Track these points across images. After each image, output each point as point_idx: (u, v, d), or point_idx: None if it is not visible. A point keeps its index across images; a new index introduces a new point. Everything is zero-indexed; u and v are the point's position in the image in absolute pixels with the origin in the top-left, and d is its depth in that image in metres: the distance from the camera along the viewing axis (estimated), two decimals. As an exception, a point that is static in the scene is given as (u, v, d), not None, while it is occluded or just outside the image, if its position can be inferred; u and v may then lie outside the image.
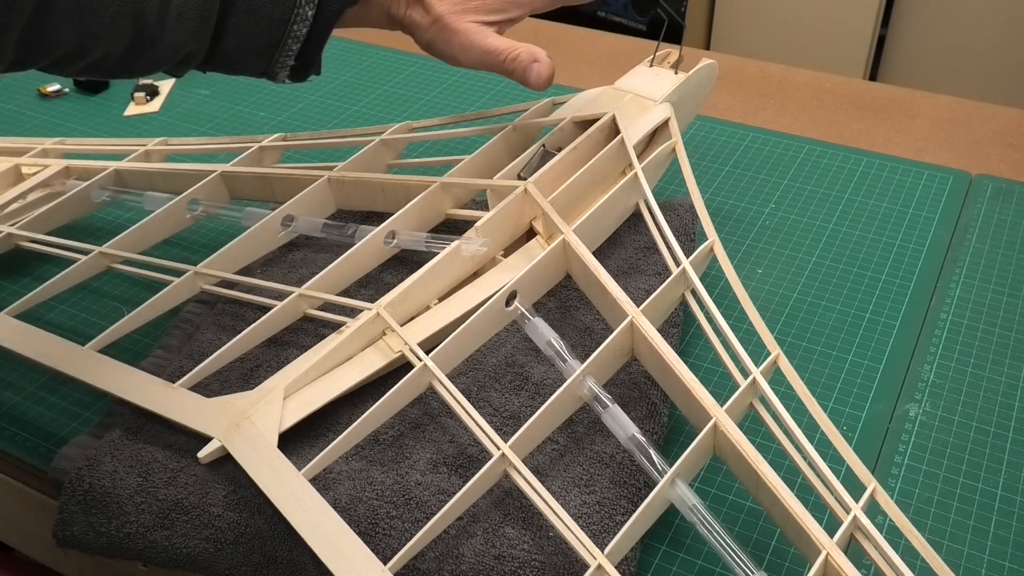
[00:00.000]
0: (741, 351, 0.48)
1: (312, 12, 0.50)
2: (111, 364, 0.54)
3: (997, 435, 0.55)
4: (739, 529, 0.50)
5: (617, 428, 0.47)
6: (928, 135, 0.85)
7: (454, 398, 0.47)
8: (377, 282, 0.59)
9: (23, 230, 0.67)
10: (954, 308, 0.64)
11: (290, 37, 0.50)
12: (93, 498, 0.48)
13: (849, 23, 1.94)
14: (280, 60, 0.51)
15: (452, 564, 0.44)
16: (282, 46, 0.50)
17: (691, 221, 0.65)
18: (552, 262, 0.54)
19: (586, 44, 1.03)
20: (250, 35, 0.50)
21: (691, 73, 0.67)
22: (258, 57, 0.51)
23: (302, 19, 0.50)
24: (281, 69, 0.52)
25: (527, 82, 0.56)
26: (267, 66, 0.52)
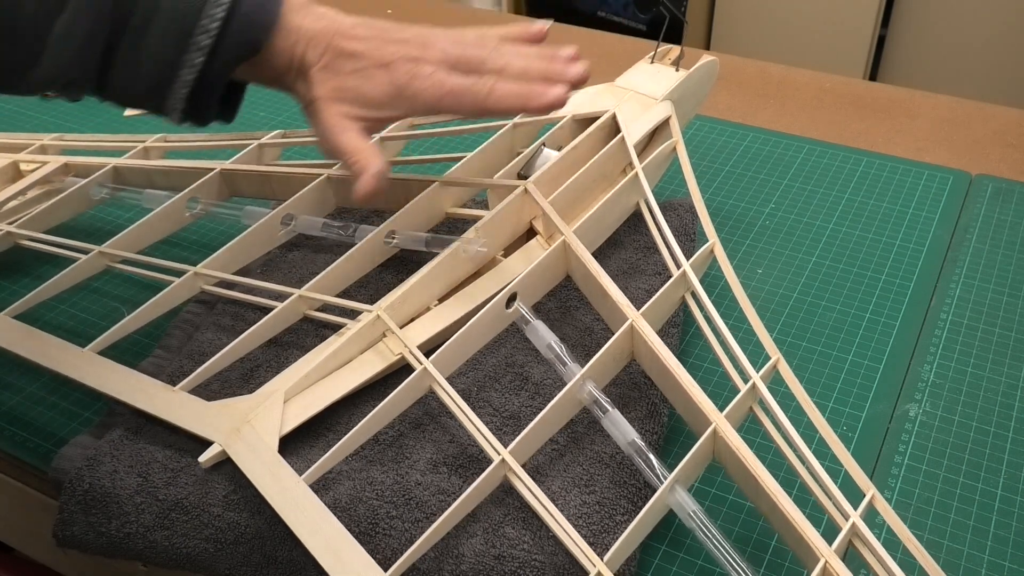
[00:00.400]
0: (741, 355, 0.48)
1: (201, 60, 0.48)
2: (111, 366, 0.54)
3: (997, 435, 0.55)
4: (739, 529, 0.50)
5: (617, 433, 0.47)
6: (928, 135, 0.85)
7: (454, 401, 0.47)
8: (377, 282, 0.59)
9: (22, 228, 0.67)
10: (954, 308, 0.64)
11: (177, 81, 0.48)
12: (93, 498, 0.48)
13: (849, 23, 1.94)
14: (170, 103, 0.49)
15: (452, 564, 0.44)
16: (171, 89, 0.49)
17: (691, 221, 0.65)
18: (552, 263, 0.54)
19: (586, 44, 1.03)
20: (139, 72, 0.48)
21: (692, 70, 0.67)
22: (148, 94, 0.49)
23: (189, 65, 0.48)
24: (173, 111, 0.50)
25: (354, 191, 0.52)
26: (159, 105, 0.50)
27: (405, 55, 0.51)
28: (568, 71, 0.51)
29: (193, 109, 0.50)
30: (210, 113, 0.51)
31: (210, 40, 0.47)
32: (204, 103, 0.50)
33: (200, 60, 0.48)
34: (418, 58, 0.51)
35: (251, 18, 0.48)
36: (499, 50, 0.51)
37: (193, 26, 0.47)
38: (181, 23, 0.47)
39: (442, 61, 0.51)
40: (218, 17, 0.47)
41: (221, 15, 0.47)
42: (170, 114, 0.50)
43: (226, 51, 0.48)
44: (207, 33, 0.47)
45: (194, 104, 0.50)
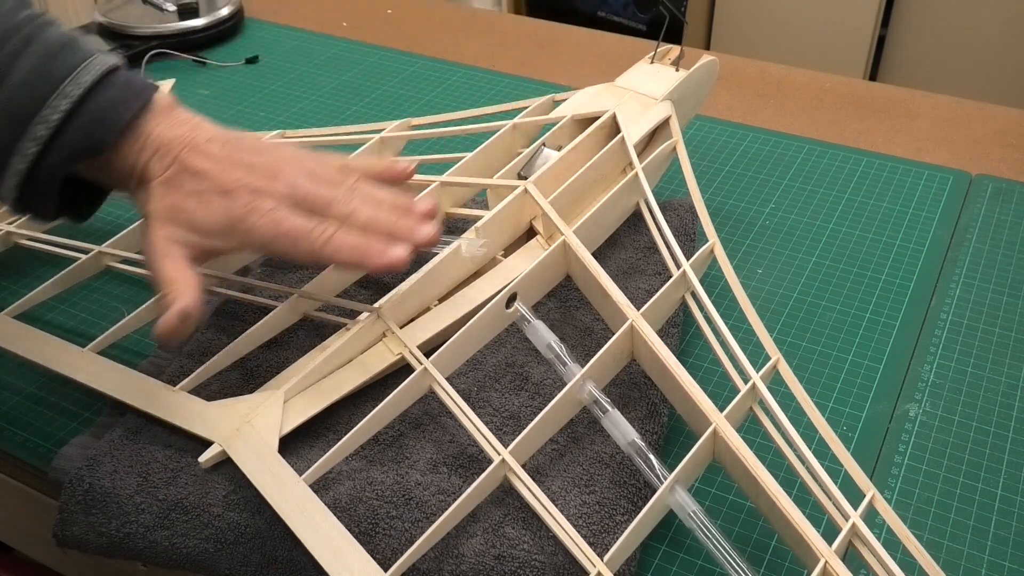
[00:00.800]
0: (741, 355, 0.48)
1: (35, 151, 0.44)
2: (111, 366, 0.54)
3: (997, 435, 0.55)
4: (739, 529, 0.50)
5: (617, 433, 0.47)
6: (928, 135, 0.85)
7: (454, 402, 0.47)
8: (377, 282, 0.59)
9: (22, 228, 0.67)
10: (954, 308, 0.64)
11: (8, 169, 0.45)
12: (93, 498, 0.48)
13: (849, 23, 1.94)
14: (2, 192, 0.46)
15: (452, 564, 0.44)
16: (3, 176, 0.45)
17: (691, 221, 0.65)
18: (552, 264, 0.54)
19: (586, 44, 1.03)
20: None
21: (692, 70, 0.67)
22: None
23: (21, 154, 0.44)
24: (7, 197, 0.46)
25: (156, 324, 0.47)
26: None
27: (248, 184, 0.47)
28: (417, 230, 0.48)
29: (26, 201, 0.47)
30: (47, 208, 0.48)
31: (48, 131, 0.45)
32: (38, 197, 0.47)
33: (33, 151, 0.45)
34: (260, 189, 0.46)
35: (98, 115, 0.45)
36: (352, 191, 0.48)
37: (33, 115, 0.44)
38: (20, 110, 0.44)
39: (286, 196, 0.47)
40: (61, 109, 0.44)
41: (65, 107, 0.44)
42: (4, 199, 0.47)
43: (64, 146, 0.45)
44: (46, 124, 0.44)
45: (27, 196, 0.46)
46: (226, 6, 1.05)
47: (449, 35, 1.05)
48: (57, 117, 0.44)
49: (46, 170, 0.45)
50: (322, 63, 0.99)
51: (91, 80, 0.45)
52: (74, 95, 0.45)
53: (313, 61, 1.00)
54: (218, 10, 1.04)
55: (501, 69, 0.97)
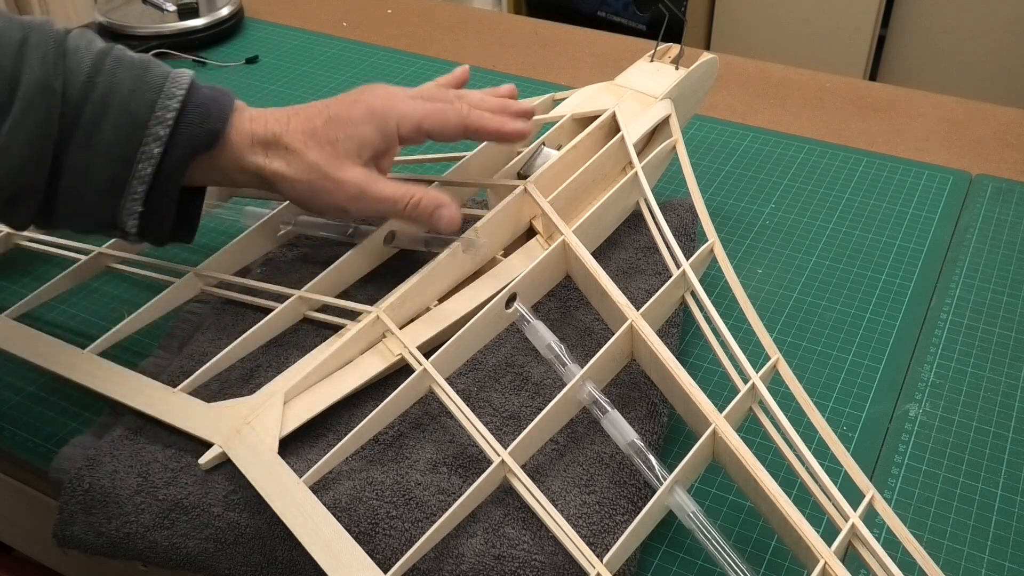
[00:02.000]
0: (741, 355, 0.48)
1: (159, 151, 0.46)
2: (111, 368, 0.54)
3: (997, 435, 0.55)
4: (739, 529, 0.50)
5: (616, 434, 0.47)
6: (928, 135, 0.85)
7: (454, 402, 0.47)
8: (377, 282, 0.59)
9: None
10: (954, 308, 0.64)
11: (135, 178, 0.47)
12: (93, 498, 0.48)
13: (849, 23, 1.94)
14: (126, 205, 0.47)
15: (452, 564, 0.44)
16: (127, 188, 0.47)
17: (691, 221, 0.65)
18: (552, 264, 0.54)
19: (586, 44, 1.03)
20: (91, 172, 0.46)
21: (692, 68, 0.67)
22: (101, 198, 0.47)
23: (147, 157, 0.46)
24: (129, 216, 0.48)
25: (438, 228, 0.53)
26: (113, 211, 0.48)
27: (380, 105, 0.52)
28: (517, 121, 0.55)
29: (150, 215, 0.48)
30: (167, 222, 0.49)
31: (166, 131, 0.46)
32: (161, 207, 0.48)
33: (158, 151, 0.46)
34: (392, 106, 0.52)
35: (204, 109, 0.48)
36: (458, 97, 0.54)
37: (148, 118, 0.46)
38: (134, 116, 0.46)
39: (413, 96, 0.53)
40: (172, 108, 0.46)
41: (175, 106, 0.46)
42: (126, 221, 0.48)
43: (182, 142, 0.47)
44: (162, 124, 0.46)
45: (151, 209, 0.48)
46: (226, 6, 1.05)
47: (449, 35, 1.05)
48: (171, 116, 0.47)
49: (168, 171, 0.47)
50: (322, 63, 0.99)
51: (187, 82, 0.48)
52: (179, 95, 0.47)
53: (313, 61, 1.00)
54: (218, 10, 1.04)
55: (501, 69, 0.96)
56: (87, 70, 0.46)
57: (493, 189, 0.59)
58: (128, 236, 0.50)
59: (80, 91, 0.45)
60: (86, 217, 0.48)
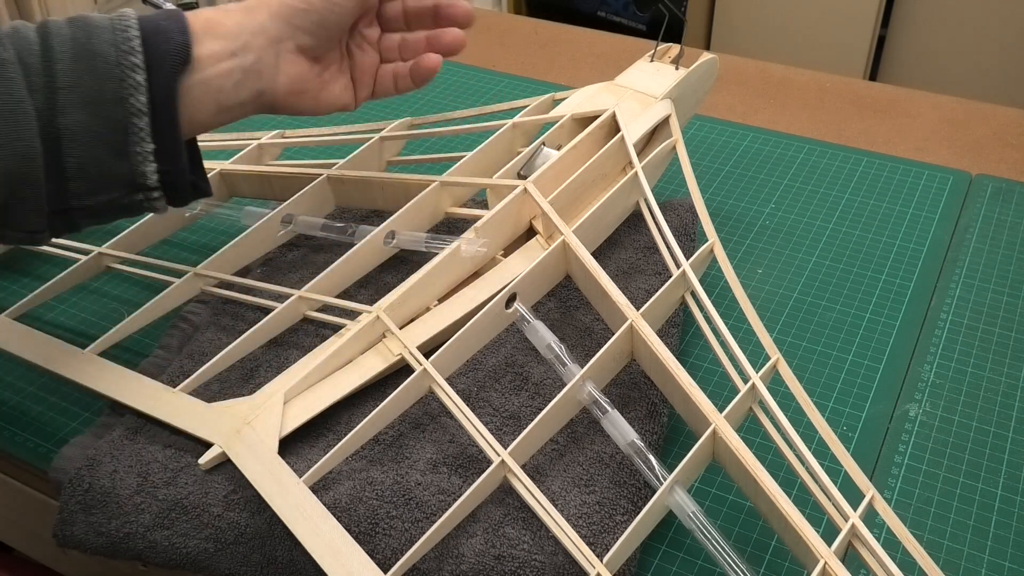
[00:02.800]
0: (741, 355, 0.48)
1: (142, 78, 0.44)
2: (111, 368, 0.54)
3: (997, 435, 0.55)
4: (739, 529, 0.50)
5: (616, 434, 0.47)
6: (928, 135, 0.85)
7: (454, 402, 0.47)
8: (377, 282, 0.59)
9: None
10: (954, 308, 0.64)
11: (133, 114, 0.44)
12: (93, 498, 0.48)
13: (849, 23, 1.94)
14: (138, 150, 0.45)
15: (452, 564, 0.44)
16: (130, 129, 0.45)
17: (691, 221, 0.65)
18: (552, 264, 0.54)
19: (586, 44, 1.03)
20: (89, 129, 0.44)
21: (692, 68, 0.67)
22: (110, 153, 0.45)
23: (134, 87, 0.44)
24: (145, 161, 0.45)
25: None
26: (129, 164, 0.45)
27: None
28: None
29: (164, 157, 0.46)
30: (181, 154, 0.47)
31: (139, 57, 0.45)
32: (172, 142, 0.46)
33: (141, 79, 0.44)
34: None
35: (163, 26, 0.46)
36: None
37: (116, 55, 0.44)
38: (104, 57, 0.44)
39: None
40: (134, 36, 0.45)
41: (136, 34, 0.45)
42: (145, 174, 0.46)
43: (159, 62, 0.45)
44: (132, 52, 0.45)
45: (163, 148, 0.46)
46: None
47: (449, 35, 1.05)
48: (136, 44, 0.45)
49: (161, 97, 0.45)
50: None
51: (133, 14, 0.46)
52: (133, 25, 0.45)
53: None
54: (218, 10, 1.04)
55: (501, 69, 0.96)
56: (36, 40, 0.44)
57: (493, 189, 0.59)
58: (152, 195, 0.47)
59: (41, 59, 0.44)
60: (104, 185, 0.46)
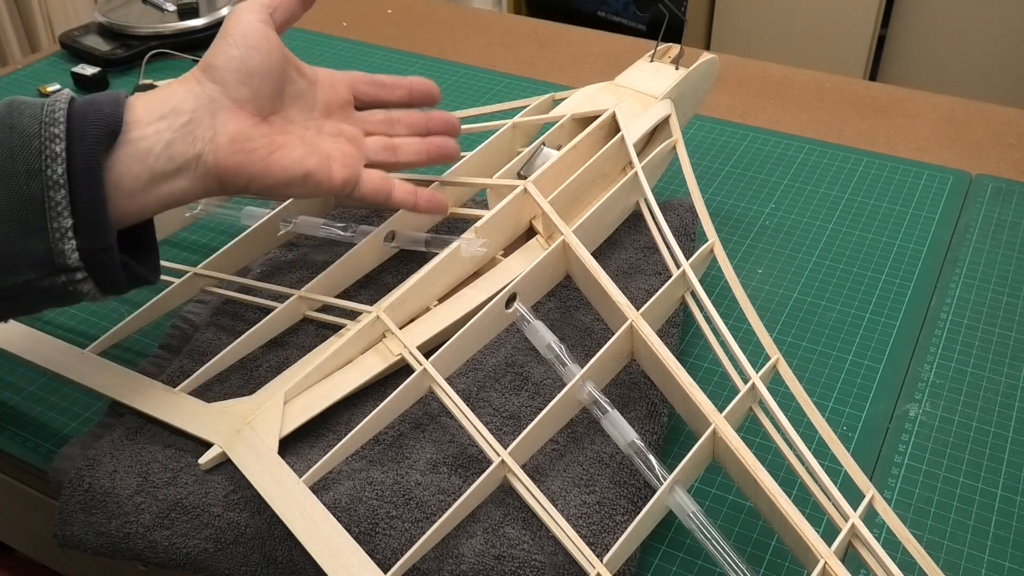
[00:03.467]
0: (740, 355, 0.48)
1: (62, 148, 0.40)
2: (111, 368, 0.54)
3: (997, 435, 0.55)
4: (739, 529, 0.50)
5: (616, 434, 0.47)
6: (928, 135, 0.85)
7: (454, 402, 0.47)
8: (377, 282, 0.59)
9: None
10: (954, 308, 0.64)
11: (49, 186, 0.40)
12: (93, 498, 0.48)
13: (849, 23, 1.94)
14: (54, 226, 0.41)
15: (452, 564, 0.44)
16: (46, 202, 0.40)
17: (691, 221, 0.65)
18: (552, 264, 0.54)
19: (586, 44, 1.03)
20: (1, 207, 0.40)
21: (692, 68, 0.67)
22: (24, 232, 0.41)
23: (52, 158, 0.40)
24: (63, 240, 0.41)
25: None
26: (44, 241, 0.41)
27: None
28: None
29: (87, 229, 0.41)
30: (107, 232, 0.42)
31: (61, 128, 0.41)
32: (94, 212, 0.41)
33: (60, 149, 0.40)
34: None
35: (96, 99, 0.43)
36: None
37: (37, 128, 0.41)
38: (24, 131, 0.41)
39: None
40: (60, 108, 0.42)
41: (63, 106, 0.42)
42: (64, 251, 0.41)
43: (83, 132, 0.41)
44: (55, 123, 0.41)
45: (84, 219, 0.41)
46: (226, 6, 1.05)
47: (449, 35, 1.05)
48: (61, 115, 0.42)
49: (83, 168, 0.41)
50: (322, 63, 0.99)
51: (67, 94, 0.43)
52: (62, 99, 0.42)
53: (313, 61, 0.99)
54: (218, 10, 1.04)
55: (501, 69, 0.96)
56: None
57: (493, 189, 0.59)
58: (75, 276, 0.42)
59: None
60: (18, 264, 0.41)
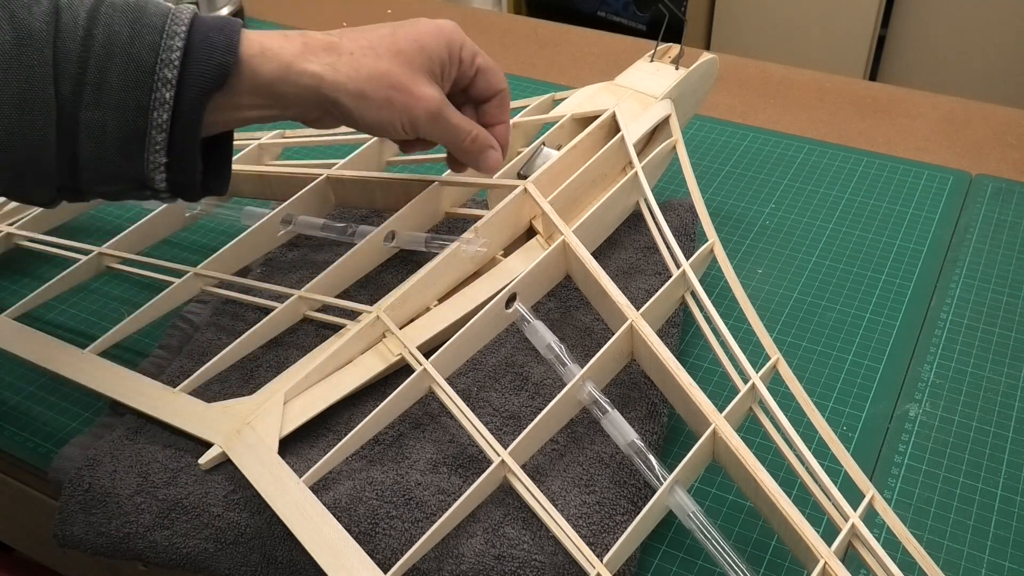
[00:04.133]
0: (740, 355, 0.48)
1: (171, 95, 0.43)
2: (112, 368, 0.54)
3: (997, 435, 0.55)
4: (739, 529, 0.50)
5: (616, 434, 0.47)
6: (928, 135, 0.85)
7: (454, 402, 0.47)
8: (377, 282, 0.59)
9: (23, 229, 0.67)
10: (954, 308, 0.64)
11: (152, 127, 0.44)
12: (93, 498, 0.48)
13: (849, 23, 1.94)
14: (150, 158, 0.44)
15: (452, 564, 0.44)
16: (147, 139, 0.44)
17: (691, 221, 0.65)
18: (552, 264, 0.54)
19: (586, 44, 1.03)
20: (107, 129, 0.43)
21: (692, 69, 0.67)
22: (123, 156, 0.44)
23: (160, 103, 0.43)
24: (155, 170, 0.45)
25: (482, 167, 0.53)
26: (140, 167, 0.45)
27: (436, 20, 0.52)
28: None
29: (176, 166, 0.45)
30: (195, 171, 0.46)
31: (174, 72, 0.43)
32: (186, 156, 0.45)
33: (169, 95, 0.43)
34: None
35: (210, 44, 0.44)
36: None
37: (153, 62, 0.43)
38: (139, 62, 0.43)
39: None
40: (177, 47, 0.44)
41: (180, 44, 0.44)
42: (154, 177, 0.45)
43: (195, 82, 0.44)
44: (169, 65, 0.43)
45: (176, 159, 0.45)
46: (226, 6, 1.05)
47: (449, 35, 1.05)
48: (176, 56, 0.43)
49: (185, 115, 0.44)
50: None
51: (188, 17, 0.45)
52: (181, 32, 0.44)
53: (313, 61, 1.00)
54: (218, 10, 1.04)
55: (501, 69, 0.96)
56: (83, 23, 0.43)
57: (493, 189, 0.59)
58: (160, 194, 0.47)
59: (80, 46, 0.43)
60: (113, 179, 0.45)
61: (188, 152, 0.45)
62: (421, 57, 0.49)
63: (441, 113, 0.50)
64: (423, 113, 0.49)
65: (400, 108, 0.48)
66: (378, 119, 0.49)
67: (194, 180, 0.46)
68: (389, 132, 0.50)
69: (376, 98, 0.48)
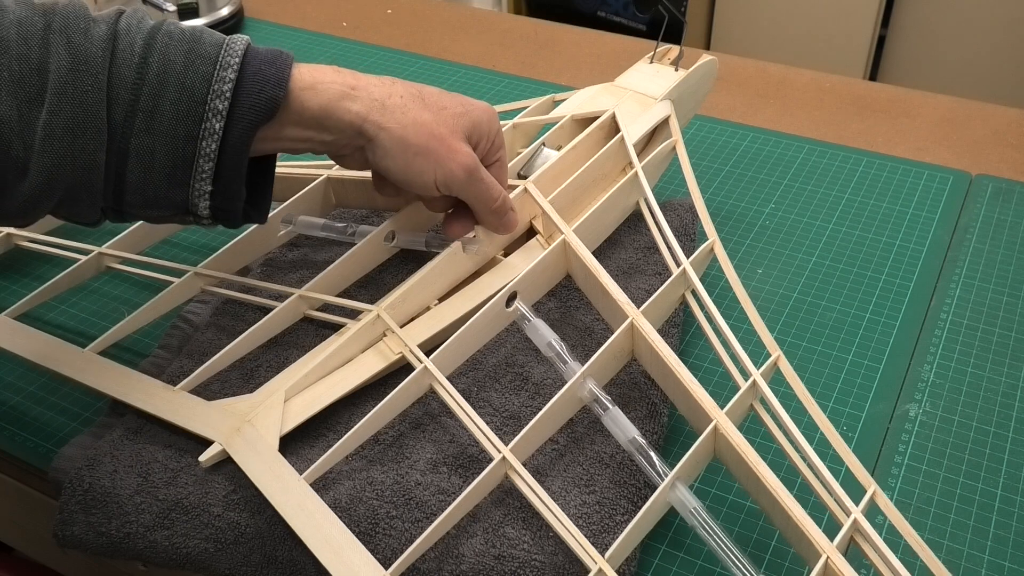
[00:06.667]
0: (741, 352, 0.48)
1: (220, 125, 0.45)
2: (112, 367, 0.54)
3: (997, 435, 0.55)
4: (739, 529, 0.50)
5: (617, 431, 0.47)
6: (928, 135, 0.85)
7: (455, 401, 0.47)
8: (377, 282, 0.59)
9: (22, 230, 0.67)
10: (954, 308, 0.64)
11: (200, 156, 0.45)
12: (93, 498, 0.48)
13: (849, 23, 1.94)
14: (196, 186, 0.46)
15: (452, 564, 0.44)
16: (194, 168, 0.45)
17: (691, 221, 0.65)
18: (552, 263, 0.54)
19: (586, 44, 1.03)
20: (156, 156, 0.45)
21: (691, 70, 0.67)
22: (170, 183, 0.46)
23: (210, 133, 0.45)
24: (200, 198, 0.46)
25: (503, 229, 0.55)
26: (184, 194, 0.46)
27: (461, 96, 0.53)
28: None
29: (220, 195, 0.47)
30: (238, 200, 0.47)
31: (225, 103, 0.45)
32: (231, 184, 0.46)
33: (219, 126, 0.45)
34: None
35: (261, 77, 0.46)
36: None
37: (205, 92, 0.44)
38: (192, 92, 0.44)
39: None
40: (230, 79, 0.45)
41: (232, 76, 0.45)
42: (197, 206, 0.46)
43: (244, 114, 0.45)
44: (221, 96, 0.45)
45: (221, 188, 0.46)
46: (226, 6, 1.05)
47: (449, 35, 1.05)
48: (228, 88, 0.45)
49: (233, 145, 0.45)
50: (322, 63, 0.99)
51: (242, 48, 0.46)
52: (235, 63, 0.45)
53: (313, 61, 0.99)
54: (218, 10, 1.04)
55: (501, 69, 0.97)
56: (139, 51, 0.44)
57: (493, 189, 0.59)
58: (201, 220, 0.48)
59: (135, 73, 0.44)
60: (158, 204, 0.47)
61: (233, 181, 0.47)
62: (463, 120, 0.50)
63: (477, 169, 0.51)
64: (459, 167, 0.50)
65: (436, 159, 0.49)
66: (413, 166, 0.49)
67: (237, 208, 0.48)
68: (419, 182, 0.50)
69: (416, 144, 0.49)
